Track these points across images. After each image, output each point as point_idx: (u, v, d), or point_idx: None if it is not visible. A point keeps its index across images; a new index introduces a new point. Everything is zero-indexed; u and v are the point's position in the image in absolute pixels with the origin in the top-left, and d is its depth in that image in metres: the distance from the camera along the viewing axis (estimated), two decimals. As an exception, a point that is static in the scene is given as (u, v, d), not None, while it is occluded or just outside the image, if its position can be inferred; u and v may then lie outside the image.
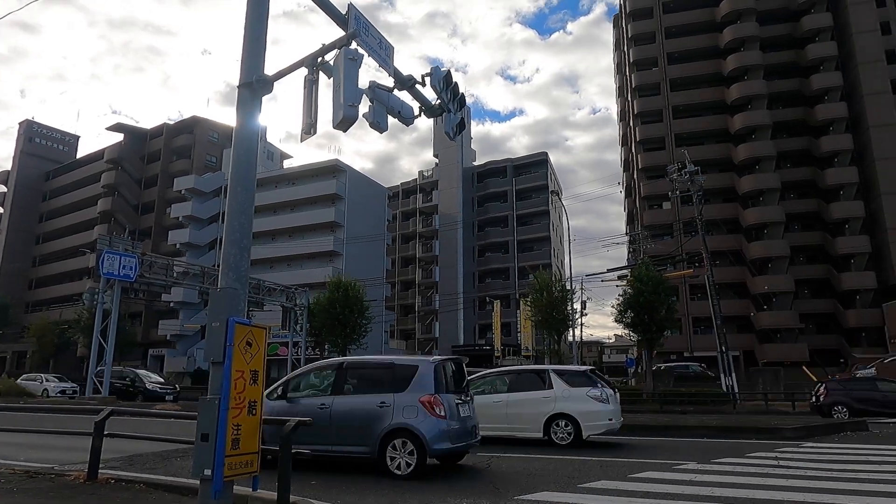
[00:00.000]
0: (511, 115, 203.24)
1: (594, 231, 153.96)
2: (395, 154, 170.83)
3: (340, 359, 10.13)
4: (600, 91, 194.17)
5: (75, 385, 32.41)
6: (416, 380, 7.97)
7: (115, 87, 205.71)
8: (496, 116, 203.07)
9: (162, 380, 31.39)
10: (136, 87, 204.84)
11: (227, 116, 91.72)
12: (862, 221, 43.51)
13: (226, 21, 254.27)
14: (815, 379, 31.92)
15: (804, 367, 35.00)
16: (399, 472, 7.56)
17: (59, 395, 30.27)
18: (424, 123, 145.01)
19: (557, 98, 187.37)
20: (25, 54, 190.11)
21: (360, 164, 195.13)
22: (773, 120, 46.65)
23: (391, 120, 6.36)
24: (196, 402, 5.38)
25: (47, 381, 32.58)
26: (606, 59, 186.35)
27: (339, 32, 5.88)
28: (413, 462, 7.55)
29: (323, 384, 8.88)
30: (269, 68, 5.59)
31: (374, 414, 7.88)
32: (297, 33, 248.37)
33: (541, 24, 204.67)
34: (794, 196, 46.46)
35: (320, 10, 5.96)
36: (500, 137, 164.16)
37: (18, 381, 31.74)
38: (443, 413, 7.73)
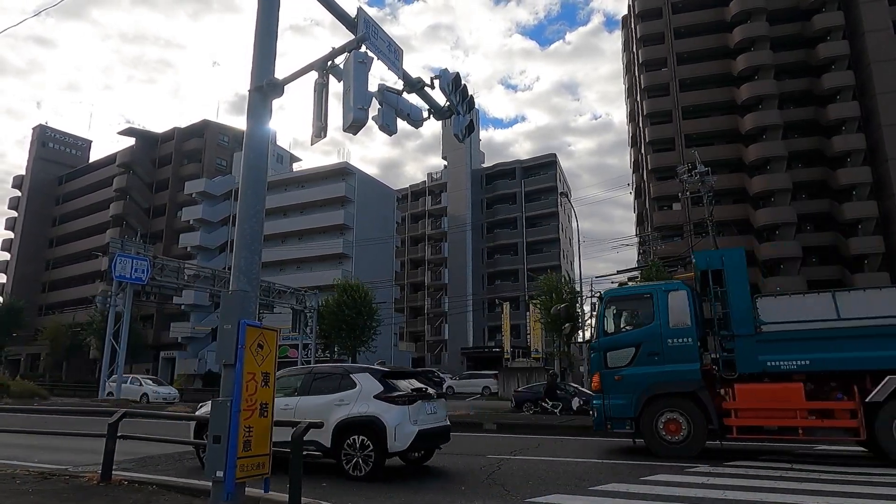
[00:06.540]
0: (513, 121, 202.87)
1: (599, 234, 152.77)
2: (400, 160, 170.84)
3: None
4: (600, 98, 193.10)
5: (174, 390, 31.72)
6: None
7: (128, 98, 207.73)
8: (498, 123, 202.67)
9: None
10: (148, 98, 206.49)
11: (236, 123, 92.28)
12: (875, 221, 43.01)
13: (234, 33, 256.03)
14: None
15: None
16: None
17: (161, 401, 27.96)
18: (429, 130, 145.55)
19: (558, 105, 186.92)
20: (41, 67, 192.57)
21: (365, 169, 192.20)
22: (784, 120, 46.22)
23: (398, 124, 6.37)
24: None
25: (146, 384, 30.58)
26: (605, 67, 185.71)
27: (344, 41, 5.92)
28: None
29: None
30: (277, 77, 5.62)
31: None
32: (303, 46, 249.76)
33: (540, 34, 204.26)
34: (805, 196, 46.00)
35: (325, 25, 6.11)
36: (502, 143, 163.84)
37: (110, 381, 27.71)
38: None
